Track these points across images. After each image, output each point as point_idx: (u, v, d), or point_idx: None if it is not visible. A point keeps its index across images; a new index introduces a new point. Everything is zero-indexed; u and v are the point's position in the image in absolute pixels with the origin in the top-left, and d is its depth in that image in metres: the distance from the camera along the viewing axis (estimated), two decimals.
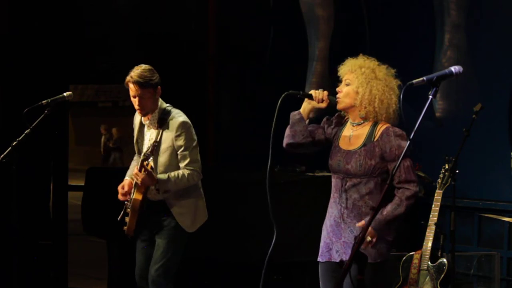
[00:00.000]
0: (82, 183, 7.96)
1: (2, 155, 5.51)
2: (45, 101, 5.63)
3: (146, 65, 5.71)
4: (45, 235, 8.18)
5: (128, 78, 5.64)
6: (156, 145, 5.63)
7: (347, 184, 4.88)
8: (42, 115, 5.59)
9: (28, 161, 7.22)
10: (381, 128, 4.85)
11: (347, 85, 4.89)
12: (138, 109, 5.68)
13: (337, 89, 4.93)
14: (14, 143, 5.53)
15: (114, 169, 8.31)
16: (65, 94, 5.76)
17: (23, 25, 8.06)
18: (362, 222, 4.73)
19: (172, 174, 5.65)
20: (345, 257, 4.84)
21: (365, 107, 4.85)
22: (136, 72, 5.64)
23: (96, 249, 9.55)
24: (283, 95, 4.81)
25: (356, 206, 4.85)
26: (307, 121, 5.01)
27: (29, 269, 7.75)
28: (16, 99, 7.70)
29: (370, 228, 4.65)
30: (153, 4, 9.04)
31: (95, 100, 24.06)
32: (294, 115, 5.01)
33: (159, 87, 5.69)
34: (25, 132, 5.54)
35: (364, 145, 4.85)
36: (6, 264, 7.20)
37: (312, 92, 4.94)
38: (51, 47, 8.17)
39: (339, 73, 4.96)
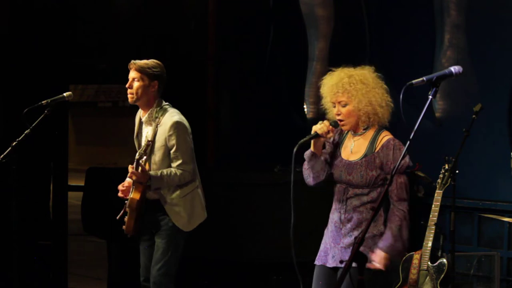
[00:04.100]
0: (82, 183, 7.96)
1: (2, 155, 5.51)
2: (45, 101, 5.65)
3: (158, 61, 5.78)
4: (45, 235, 8.17)
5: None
6: (150, 144, 5.66)
7: (349, 193, 4.88)
8: (42, 115, 5.60)
9: (28, 161, 7.22)
10: (382, 139, 4.83)
11: (343, 106, 4.84)
12: (128, 93, 5.72)
13: (335, 113, 4.87)
14: (14, 143, 5.54)
15: (114, 169, 8.29)
16: (65, 94, 5.78)
17: (23, 25, 8.06)
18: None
19: (165, 171, 5.66)
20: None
21: (370, 118, 4.84)
22: (144, 60, 5.75)
23: (96, 249, 9.56)
24: (295, 148, 4.71)
25: (357, 212, 4.84)
26: (321, 156, 4.94)
27: (29, 269, 7.74)
28: (16, 99, 7.70)
29: (385, 254, 4.73)
30: (153, 4, 9.03)
31: (95, 100, 24.06)
32: (309, 156, 4.91)
33: (156, 81, 5.71)
34: (25, 132, 5.55)
35: (365, 155, 4.84)
36: (6, 264, 7.20)
37: (317, 130, 4.81)
38: (51, 47, 8.16)
39: (323, 94, 4.92)
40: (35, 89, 7.69)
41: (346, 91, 4.82)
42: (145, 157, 5.66)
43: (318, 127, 4.80)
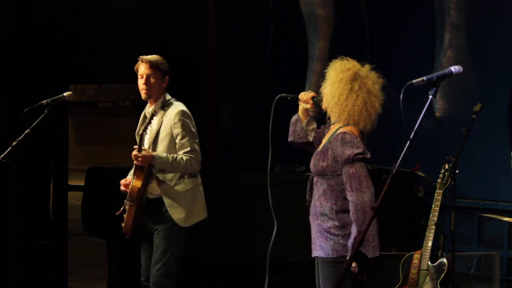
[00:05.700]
0: (82, 183, 7.96)
1: (2, 155, 5.51)
2: (45, 101, 5.65)
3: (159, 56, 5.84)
4: (45, 235, 8.17)
5: (139, 59, 5.75)
6: (149, 122, 5.66)
7: (314, 180, 5.01)
8: (42, 115, 5.61)
9: (28, 161, 7.21)
10: (338, 131, 4.89)
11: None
12: (143, 89, 5.73)
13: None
14: (14, 143, 5.54)
15: (114, 169, 8.29)
16: (65, 94, 5.78)
17: (23, 25, 8.05)
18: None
19: (170, 154, 5.66)
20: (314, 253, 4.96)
21: (338, 113, 4.91)
22: (148, 55, 5.78)
23: (96, 249, 9.56)
24: (276, 98, 5.13)
25: (314, 206, 4.96)
26: (304, 122, 5.17)
27: (29, 269, 7.74)
28: (16, 99, 7.70)
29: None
30: (153, 4, 9.03)
31: (95, 100, 24.05)
32: (293, 116, 5.22)
33: (167, 76, 5.78)
34: (25, 132, 5.55)
35: (324, 145, 4.96)
36: (6, 264, 7.20)
37: (300, 94, 5.12)
38: (51, 47, 8.16)
39: None
40: (35, 89, 7.69)
41: (326, 75, 4.98)
42: (149, 129, 5.65)
43: (303, 93, 5.12)
